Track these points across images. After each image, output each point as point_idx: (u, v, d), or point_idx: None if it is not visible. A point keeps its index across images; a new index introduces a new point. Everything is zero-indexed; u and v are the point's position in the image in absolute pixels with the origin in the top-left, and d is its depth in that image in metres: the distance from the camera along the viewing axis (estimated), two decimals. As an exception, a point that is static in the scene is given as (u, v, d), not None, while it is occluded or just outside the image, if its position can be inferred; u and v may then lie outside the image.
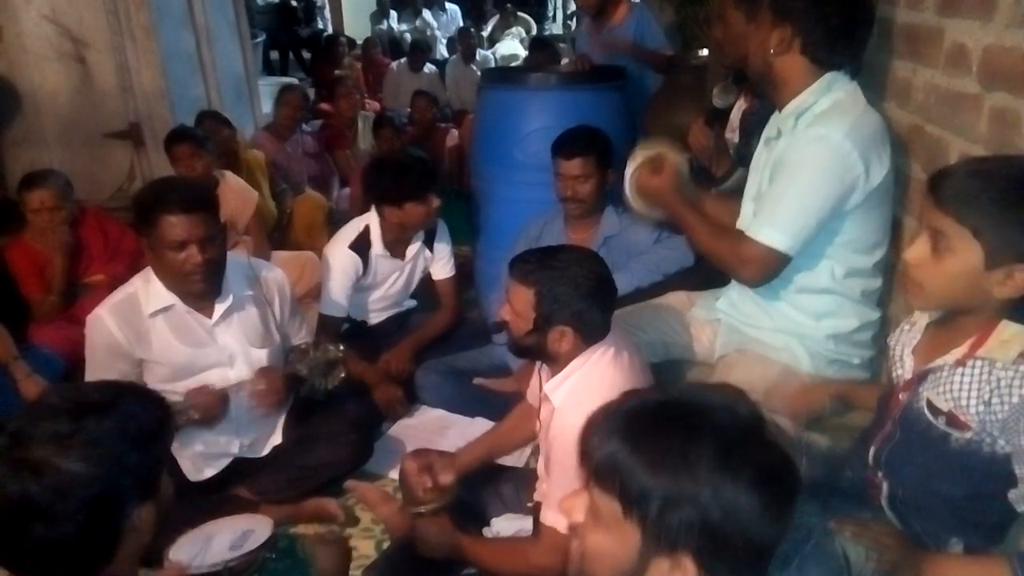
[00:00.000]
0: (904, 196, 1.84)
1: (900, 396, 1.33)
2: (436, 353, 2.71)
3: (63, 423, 0.96)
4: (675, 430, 0.80)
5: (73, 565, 0.97)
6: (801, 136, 1.66)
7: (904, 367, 1.34)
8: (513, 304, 1.55)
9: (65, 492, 0.93)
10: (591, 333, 1.52)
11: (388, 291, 2.78)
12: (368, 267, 2.66)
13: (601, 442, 0.82)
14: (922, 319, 1.34)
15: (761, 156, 1.86)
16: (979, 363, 1.19)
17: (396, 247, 2.69)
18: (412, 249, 2.73)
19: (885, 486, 1.35)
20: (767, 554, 0.81)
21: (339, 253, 2.63)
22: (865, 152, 1.62)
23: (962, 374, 1.20)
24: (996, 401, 1.16)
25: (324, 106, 5.78)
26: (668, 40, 3.69)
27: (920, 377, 1.29)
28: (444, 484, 1.78)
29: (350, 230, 2.69)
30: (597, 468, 0.82)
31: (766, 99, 1.90)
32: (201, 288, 1.93)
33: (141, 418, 1.02)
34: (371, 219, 2.66)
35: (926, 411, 1.25)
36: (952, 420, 1.21)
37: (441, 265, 2.83)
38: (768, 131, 1.83)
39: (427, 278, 2.85)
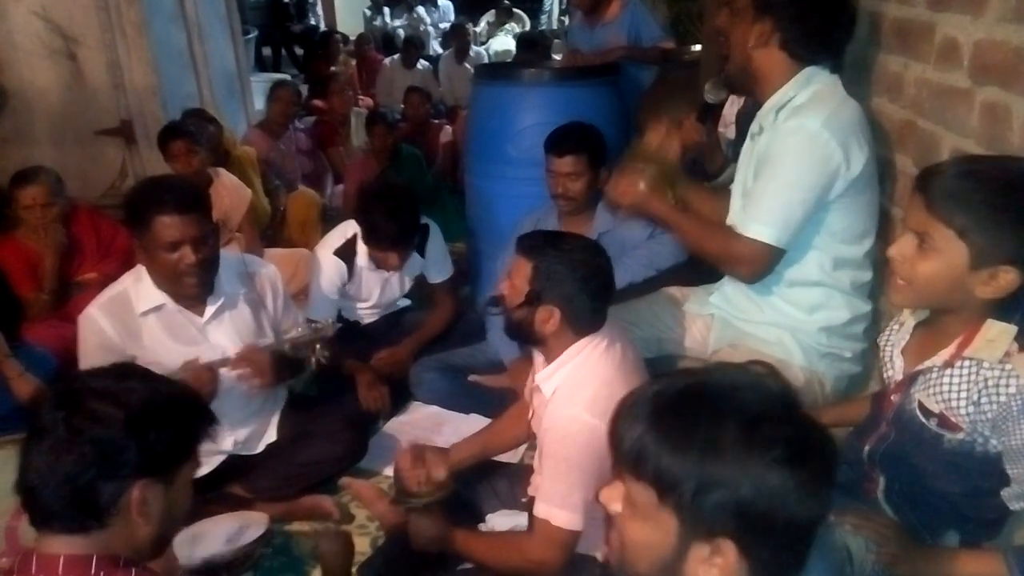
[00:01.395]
0: (895, 190, 1.85)
1: (892, 397, 1.34)
2: (431, 350, 2.70)
3: (110, 380, 1.05)
4: (701, 410, 0.78)
5: (63, 507, 1.00)
6: (780, 129, 1.68)
7: (894, 368, 1.35)
8: (513, 277, 1.56)
9: (82, 428, 0.99)
10: (579, 320, 1.52)
11: (377, 300, 2.76)
12: (353, 274, 2.64)
13: (629, 428, 0.81)
14: (910, 319, 1.35)
15: (746, 152, 1.87)
16: (967, 363, 1.20)
17: (381, 263, 2.63)
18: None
19: (882, 480, 1.36)
20: (808, 534, 0.79)
21: (325, 258, 2.60)
22: (844, 140, 1.63)
23: (951, 375, 1.21)
24: (985, 401, 1.17)
25: (317, 103, 5.76)
26: (665, 33, 3.67)
27: (910, 379, 1.29)
28: (437, 479, 1.79)
29: (337, 235, 2.66)
30: (628, 455, 0.81)
31: (743, 94, 1.91)
32: (195, 288, 1.92)
33: (175, 399, 1.09)
34: (359, 229, 2.61)
35: (918, 413, 1.26)
36: (944, 422, 1.22)
37: (436, 269, 2.79)
38: (752, 127, 1.85)
39: (423, 278, 2.82)
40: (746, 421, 0.77)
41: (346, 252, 2.61)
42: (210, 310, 1.99)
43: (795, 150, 1.64)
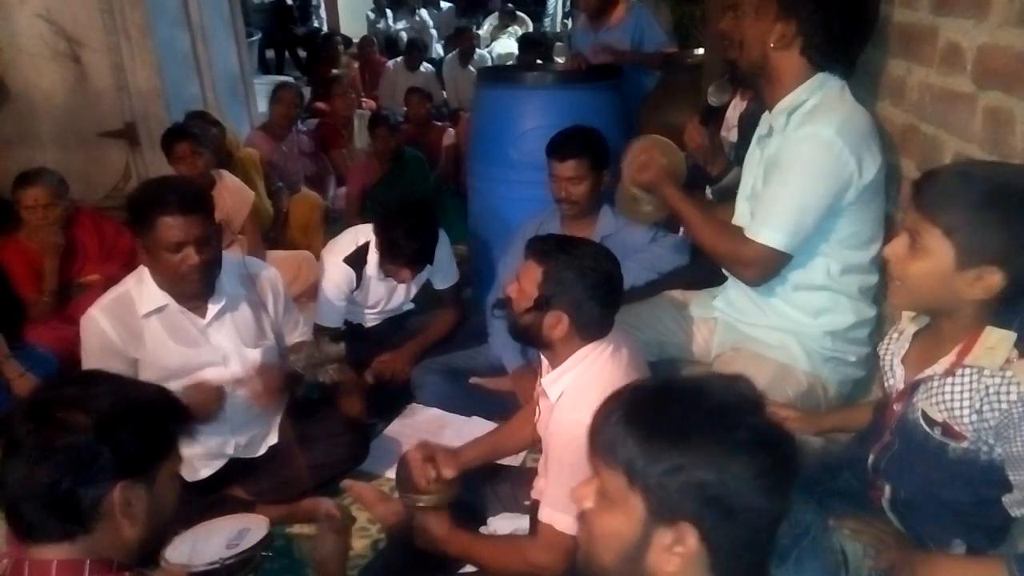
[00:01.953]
0: (898, 195, 1.85)
1: (894, 407, 1.33)
2: (433, 353, 2.70)
3: (77, 387, 1.06)
4: (672, 401, 0.85)
5: (45, 518, 0.99)
6: (793, 135, 1.67)
7: (895, 377, 1.35)
8: (522, 281, 1.56)
9: (53, 438, 0.98)
10: (587, 326, 1.52)
11: (384, 307, 2.77)
12: (361, 283, 2.64)
13: (606, 420, 0.86)
14: (909, 327, 1.35)
15: (754, 155, 1.86)
16: (968, 371, 1.19)
17: (390, 274, 2.63)
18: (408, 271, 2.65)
19: (887, 489, 1.36)
20: (768, 532, 0.83)
21: (334, 265, 2.60)
22: (857, 149, 1.63)
23: (952, 384, 1.21)
24: (987, 409, 1.17)
25: (320, 105, 5.77)
26: (668, 38, 3.67)
27: (912, 387, 1.29)
28: (446, 477, 1.79)
29: (347, 241, 2.65)
30: (603, 444, 0.86)
31: (757, 92, 1.91)
32: (197, 289, 1.93)
33: (145, 400, 1.08)
34: (372, 236, 2.60)
35: (921, 422, 1.26)
36: (947, 430, 1.22)
37: (442, 275, 2.79)
38: (760, 129, 1.84)
39: (428, 283, 2.81)
40: (712, 410, 0.82)
41: (356, 260, 2.61)
42: (212, 311, 1.99)
43: (808, 157, 1.63)
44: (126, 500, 1.01)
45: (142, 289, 1.94)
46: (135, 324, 1.93)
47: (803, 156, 1.64)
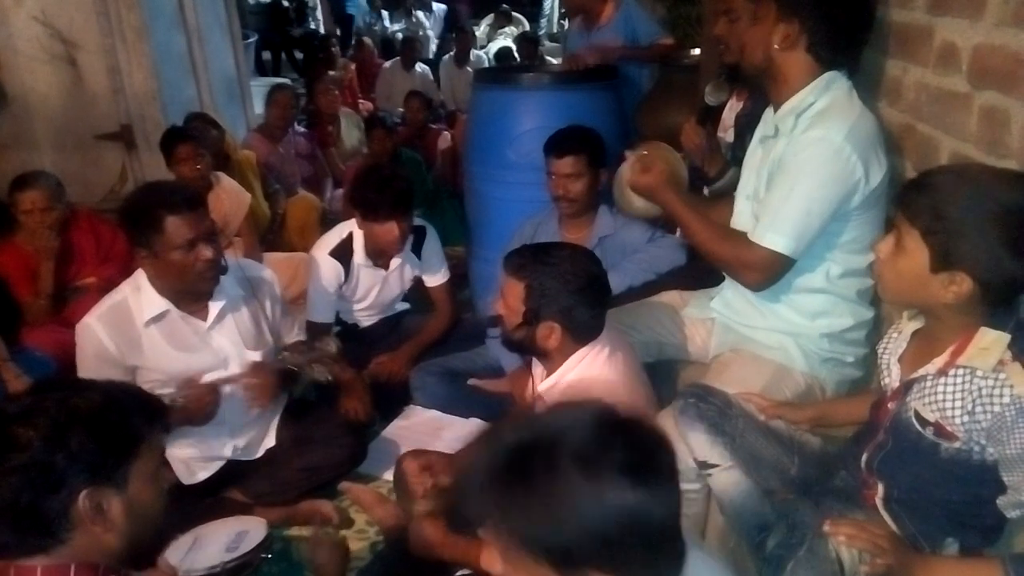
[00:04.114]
0: (894, 195, 1.85)
1: (889, 405, 1.34)
2: (431, 354, 2.70)
3: (25, 400, 1.02)
4: (535, 469, 0.82)
5: (12, 535, 0.98)
6: (801, 138, 1.65)
7: (891, 376, 1.35)
8: (506, 298, 1.56)
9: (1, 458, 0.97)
10: (580, 331, 1.52)
11: (375, 300, 2.75)
12: (350, 275, 2.63)
13: (477, 503, 0.86)
14: (908, 327, 1.35)
15: (756, 154, 1.85)
16: (960, 372, 1.20)
17: (379, 257, 2.64)
18: (396, 260, 2.67)
19: (880, 488, 1.36)
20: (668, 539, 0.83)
21: (321, 259, 2.60)
22: (864, 154, 1.61)
23: (945, 384, 1.21)
24: (979, 410, 1.17)
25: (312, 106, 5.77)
26: (662, 29, 3.66)
27: (906, 386, 1.29)
28: (443, 485, 1.78)
29: (333, 236, 2.66)
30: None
31: (762, 95, 1.90)
32: (211, 286, 1.93)
33: (100, 403, 1.03)
34: (355, 227, 2.61)
35: (914, 421, 1.26)
36: (939, 430, 1.22)
37: (433, 272, 2.79)
38: (764, 129, 1.82)
39: (420, 281, 2.82)
40: (577, 458, 0.80)
41: (342, 252, 2.61)
42: (214, 311, 1.99)
43: (816, 162, 1.61)
44: (95, 507, 0.99)
45: (140, 297, 1.93)
46: (133, 332, 1.92)
47: (812, 160, 1.62)
